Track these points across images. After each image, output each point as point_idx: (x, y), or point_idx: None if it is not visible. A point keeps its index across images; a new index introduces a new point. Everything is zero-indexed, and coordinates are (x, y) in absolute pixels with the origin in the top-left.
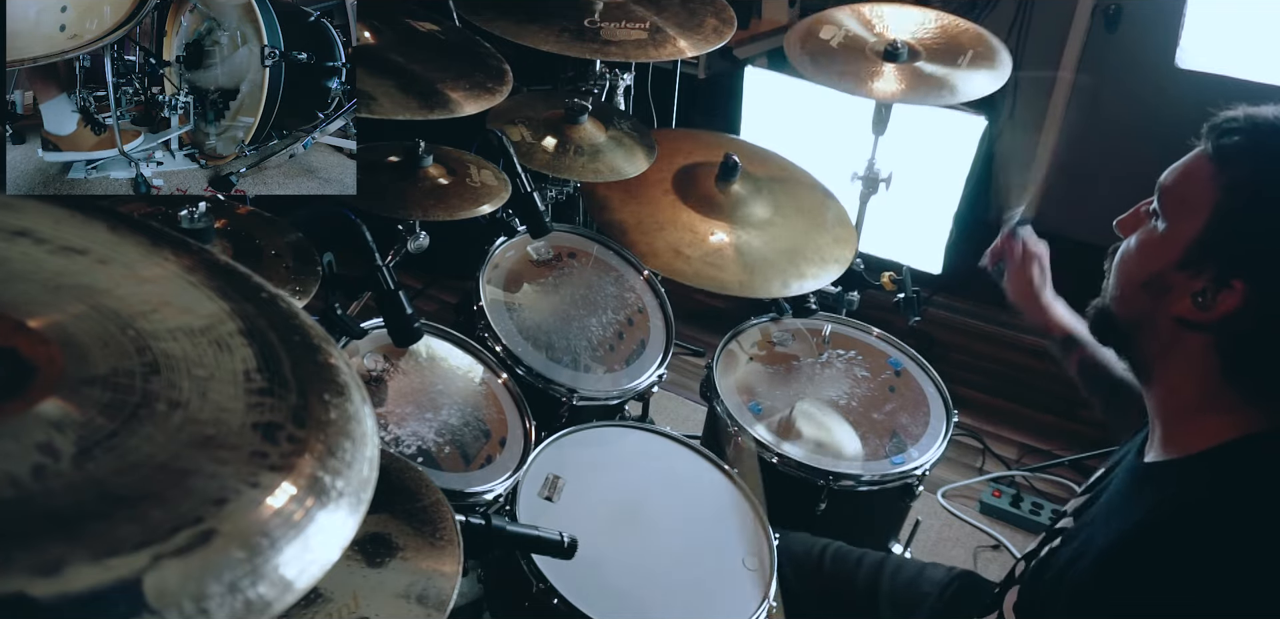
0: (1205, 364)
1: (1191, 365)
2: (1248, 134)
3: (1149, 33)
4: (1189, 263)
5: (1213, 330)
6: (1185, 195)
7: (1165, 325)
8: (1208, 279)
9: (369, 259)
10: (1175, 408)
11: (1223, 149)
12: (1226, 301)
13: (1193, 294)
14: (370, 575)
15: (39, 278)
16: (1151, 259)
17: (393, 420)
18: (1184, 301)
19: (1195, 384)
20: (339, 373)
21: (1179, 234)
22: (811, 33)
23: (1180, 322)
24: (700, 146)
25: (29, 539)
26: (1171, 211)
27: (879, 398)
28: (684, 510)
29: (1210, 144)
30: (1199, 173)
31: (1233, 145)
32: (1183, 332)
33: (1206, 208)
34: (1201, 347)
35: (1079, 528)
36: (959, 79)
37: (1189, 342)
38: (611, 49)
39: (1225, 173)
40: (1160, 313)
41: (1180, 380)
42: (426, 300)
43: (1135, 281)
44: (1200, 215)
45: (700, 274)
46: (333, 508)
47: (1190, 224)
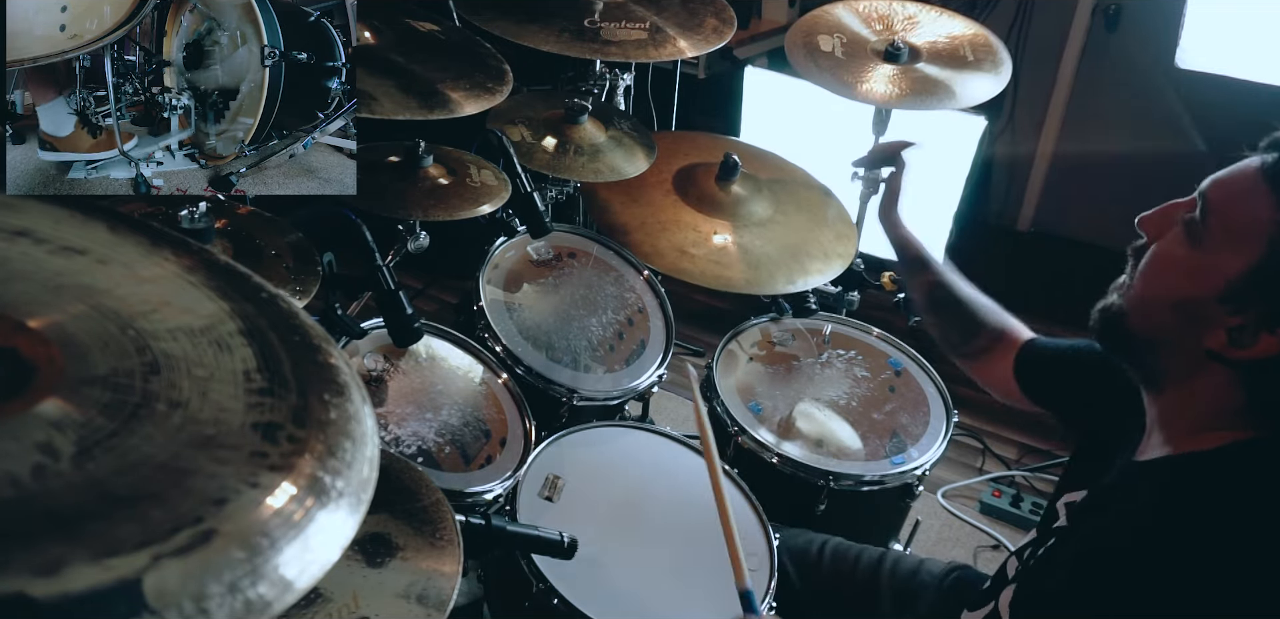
0: (1228, 393)
1: (1212, 391)
2: None
3: (1149, 33)
4: (1232, 298)
5: (1241, 368)
6: (1236, 222)
7: (1191, 351)
8: (1249, 318)
9: (369, 259)
10: (1184, 420)
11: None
12: (1267, 345)
13: (1230, 329)
14: (370, 575)
15: (39, 278)
16: (1189, 282)
17: (393, 420)
18: (1218, 335)
19: (1211, 407)
20: (339, 373)
21: (1224, 263)
22: (811, 35)
23: (1211, 354)
24: (700, 147)
25: (29, 539)
26: (1217, 234)
27: (879, 398)
28: (684, 510)
29: (1269, 167)
30: (1255, 199)
31: None
32: (1209, 361)
33: (1260, 242)
34: (1227, 378)
35: (1077, 527)
36: (959, 82)
37: (1214, 371)
38: (611, 49)
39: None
40: (1188, 338)
41: (1195, 401)
42: (426, 300)
43: (1164, 300)
44: (1253, 249)
45: (706, 273)
46: (333, 508)
47: (1239, 256)
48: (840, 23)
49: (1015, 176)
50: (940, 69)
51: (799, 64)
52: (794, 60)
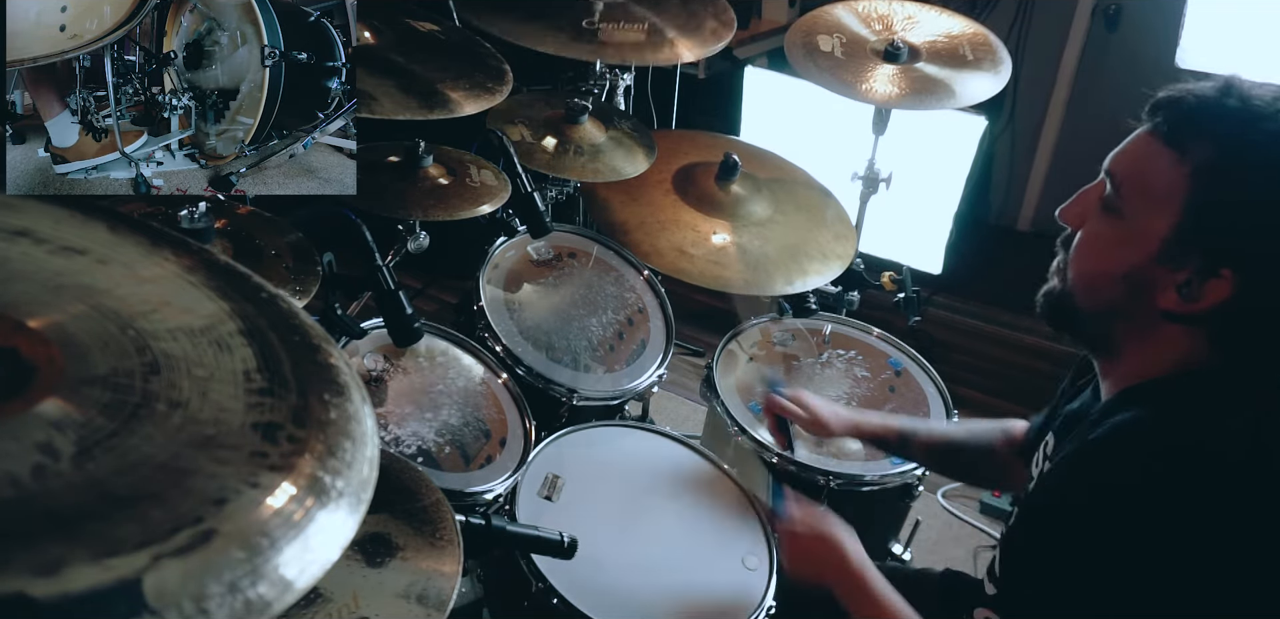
0: (1191, 347)
1: (1174, 348)
2: (1199, 115)
3: (1149, 33)
4: (1168, 257)
5: (1202, 321)
6: (1148, 187)
7: (1147, 316)
8: (1191, 270)
9: (369, 259)
10: (1141, 375)
11: (1177, 135)
12: (1215, 291)
13: (1177, 286)
14: (370, 575)
15: (39, 278)
16: (1126, 253)
17: (393, 420)
18: (1169, 295)
19: (1175, 361)
20: (339, 373)
21: (1151, 227)
22: (811, 35)
23: (1166, 314)
24: (700, 147)
25: (29, 539)
26: (1135, 202)
27: (879, 398)
28: (684, 510)
29: (1162, 128)
30: (1158, 161)
31: (1188, 129)
32: (1166, 322)
33: (1177, 198)
34: (1185, 333)
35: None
36: (959, 81)
37: (1172, 330)
38: (609, 51)
39: (1188, 159)
40: (1141, 305)
41: (1157, 358)
42: (426, 300)
43: (1111, 274)
44: (1172, 207)
45: (705, 273)
46: (333, 508)
47: (1161, 217)
48: (840, 23)
49: (1015, 176)
50: (940, 68)
51: (799, 64)
52: (794, 60)
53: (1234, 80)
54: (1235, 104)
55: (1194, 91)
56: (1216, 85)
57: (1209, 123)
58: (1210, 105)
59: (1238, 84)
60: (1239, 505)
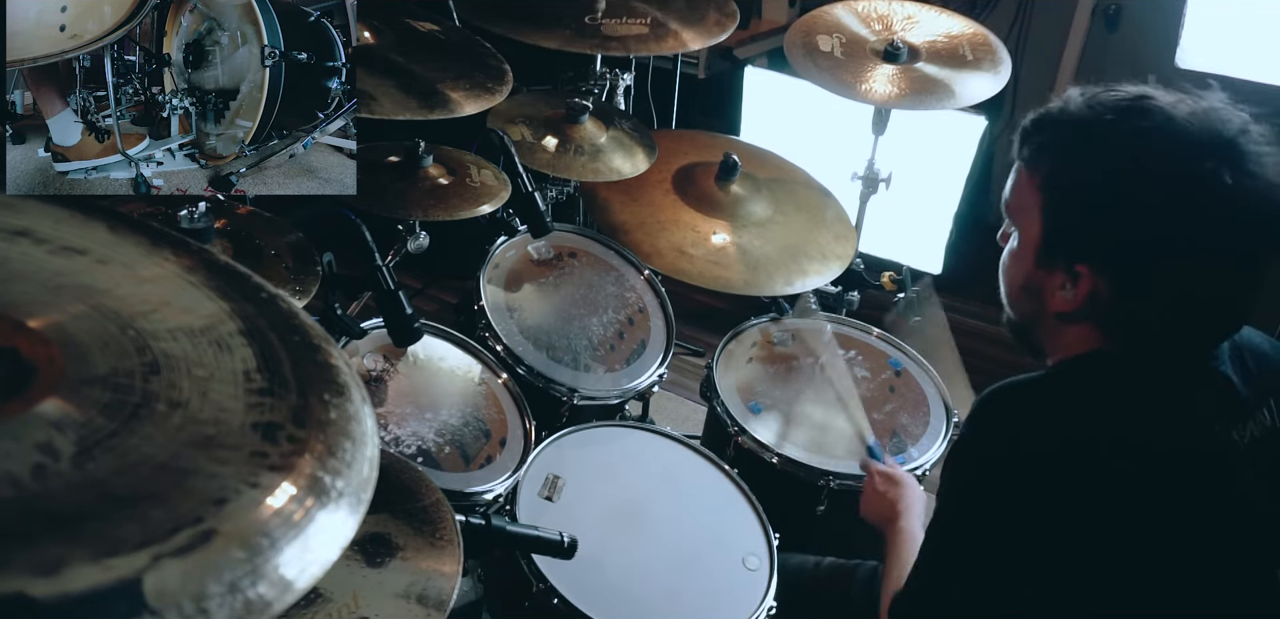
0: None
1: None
2: (1040, 132)
3: (1149, 33)
4: (1043, 263)
5: (1087, 316)
6: (1018, 204)
7: (1049, 319)
8: (1062, 273)
9: (369, 259)
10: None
11: (1029, 155)
12: (1082, 287)
13: (1058, 289)
14: (370, 575)
15: (39, 278)
16: (1019, 267)
17: (393, 420)
18: (1055, 297)
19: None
20: (339, 373)
21: (1028, 241)
22: (811, 35)
23: (1060, 316)
24: (700, 147)
25: (29, 539)
26: (1016, 221)
27: (879, 398)
28: (684, 510)
29: (1022, 152)
30: (1022, 180)
31: (1035, 147)
32: (1065, 323)
33: (1036, 211)
34: (1082, 331)
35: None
36: (959, 81)
37: (1072, 328)
38: (613, 45)
39: (1037, 174)
40: (1043, 311)
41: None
42: (426, 300)
43: (1016, 286)
44: (1034, 219)
45: (704, 273)
46: (333, 508)
47: (1030, 230)
48: (840, 22)
49: None
50: (940, 69)
51: (798, 64)
52: (793, 60)
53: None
54: (1071, 114)
55: (1041, 111)
56: (1062, 100)
57: (1045, 137)
58: (1047, 121)
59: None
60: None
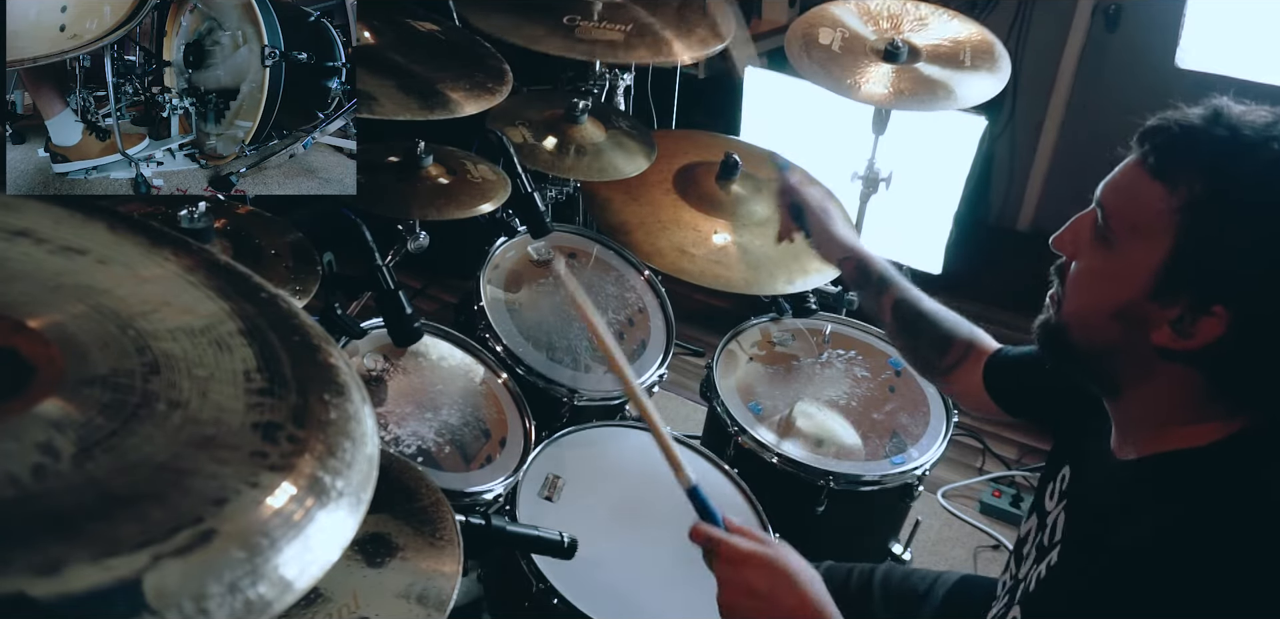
0: (1188, 386)
1: (1172, 387)
2: (1187, 146)
3: (1149, 33)
4: (1161, 293)
5: (1195, 358)
6: (1137, 221)
7: (1143, 352)
8: (1184, 307)
9: (369, 259)
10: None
11: (1166, 167)
12: (1208, 328)
13: (1170, 322)
14: (370, 575)
15: (39, 278)
16: (1118, 288)
17: (393, 420)
18: (1163, 331)
19: (1173, 402)
20: (339, 373)
21: (1142, 262)
22: (811, 33)
23: (1161, 352)
24: (700, 147)
25: (29, 539)
26: (1125, 237)
27: (879, 398)
28: (684, 510)
29: (1150, 160)
30: (1147, 195)
31: (1176, 161)
32: (1163, 360)
33: (1167, 233)
34: (1183, 372)
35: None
36: (958, 82)
37: (1170, 368)
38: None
39: (1177, 193)
40: (1136, 342)
41: (1157, 399)
42: (426, 300)
43: (1103, 310)
44: (1162, 242)
45: (705, 273)
46: (333, 508)
47: (1152, 252)
48: (839, 22)
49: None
50: (939, 69)
51: (798, 63)
52: (793, 59)
53: (1223, 107)
54: (1224, 133)
55: (1181, 121)
56: (1205, 113)
57: (1197, 154)
58: (1198, 136)
59: (1226, 111)
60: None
